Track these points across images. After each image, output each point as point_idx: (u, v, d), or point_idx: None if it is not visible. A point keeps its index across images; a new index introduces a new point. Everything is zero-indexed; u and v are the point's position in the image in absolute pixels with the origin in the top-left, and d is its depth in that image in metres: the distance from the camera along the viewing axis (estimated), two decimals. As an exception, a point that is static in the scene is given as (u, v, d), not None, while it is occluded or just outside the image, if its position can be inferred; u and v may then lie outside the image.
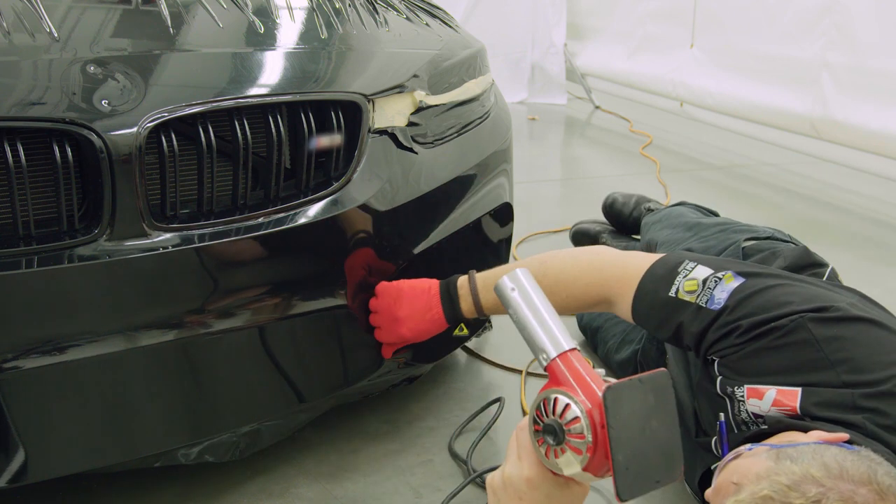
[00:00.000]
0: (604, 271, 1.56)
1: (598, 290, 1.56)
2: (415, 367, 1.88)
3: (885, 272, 2.89)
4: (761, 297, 1.36)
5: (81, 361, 1.37)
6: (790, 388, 1.29)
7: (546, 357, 1.12)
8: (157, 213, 1.43)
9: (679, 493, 1.70)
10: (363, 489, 1.68)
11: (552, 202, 3.78)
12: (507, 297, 1.17)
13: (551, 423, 1.07)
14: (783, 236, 1.88)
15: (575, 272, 1.59)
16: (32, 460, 1.36)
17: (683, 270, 1.44)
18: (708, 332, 1.38)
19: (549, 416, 1.09)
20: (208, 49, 1.59)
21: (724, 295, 1.37)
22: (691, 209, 2.34)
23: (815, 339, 1.29)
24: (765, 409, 1.31)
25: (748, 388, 1.33)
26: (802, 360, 1.30)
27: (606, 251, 1.64)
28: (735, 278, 1.39)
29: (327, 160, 1.62)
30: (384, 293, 1.70)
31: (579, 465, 1.05)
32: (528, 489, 1.12)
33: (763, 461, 1.12)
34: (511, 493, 1.14)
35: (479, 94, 2.04)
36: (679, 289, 1.43)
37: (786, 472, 1.05)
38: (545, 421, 1.09)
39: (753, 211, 3.54)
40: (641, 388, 1.07)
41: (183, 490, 1.66)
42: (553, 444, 1.07)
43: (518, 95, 5.79)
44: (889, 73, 3.76)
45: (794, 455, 1.09)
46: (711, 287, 1.40)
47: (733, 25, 4.72)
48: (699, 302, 1.40)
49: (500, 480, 1.15)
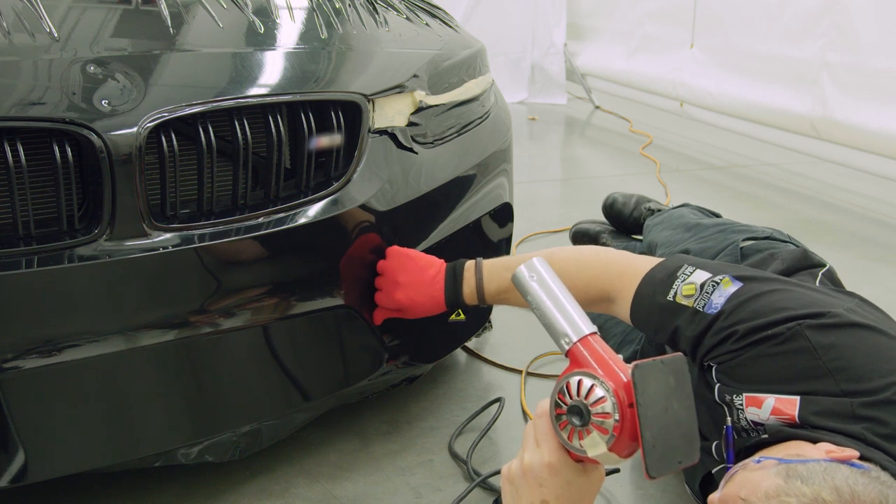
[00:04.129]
0: (608, 267, 1.56)
1: (601, 286, 1.55)
2: (415, 367, 1.88)
3: (885, 272, 2.89)
4: (758, 302, 1.35)
5: (82, 361, 1.37)
6: (789, 396, 1.29)
7: (568, 341, 1.13)
8: (158, 213, 1.43)
9: (680, 493, 1.70)
10: (363, 489, 1.68)
11: (552, 202, 3.77)
12: (526, 286, 1.19)
13: (576, 404, 1.08)
14: (782, 236, 1.88)
15: (579, 266, 1.59)
16: (32, 460, 1.36)
17: (682, 275, 1.44)
18: (705, 338, 1.37)
19: (573, 399, 1.09)
20: (208, 49, 1.59)
21: (722, 300, 1.37)
22: (693, 210, 2.35)
23: (812, 346, 1.28)
24: (764, 418, 1.31)
25: (747, 397, 1.33)
26: (800, 368, 1.29)
27: (611, 251, 1.64)
28: (733, 283, 1.39)
29: (327, 160, 1.62)
30: (393, 256, 1.70)
31: (605, 446, 1.06)
32: (549, 475, 1.12)
33: (772, 478, 1.10)
34: (531, 480, 1.13)
35: (479, 94, 2.04)
36: (677, 293, 1.43)
37: (796, 494, 1.05)
38: (569, 403, 1.09)
39: (753, 211, 3.54)
40: (664, 369, 1.09)
41: (183, 490, 1.66)
42: (578, 425, 1.08)
43: (518, 95, 5.79)
44: (889, 73, 3.75)
45: (804, 474, 1.08)
46: (709, 292, 1.39)
47: (733, 25, 4.72)
48: (696, 306, 1.39)
49: (519, 468, 1.15)
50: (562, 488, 1.12)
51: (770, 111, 4.41)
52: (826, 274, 1.65)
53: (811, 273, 1.62)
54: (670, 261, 1.51)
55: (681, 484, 1.72)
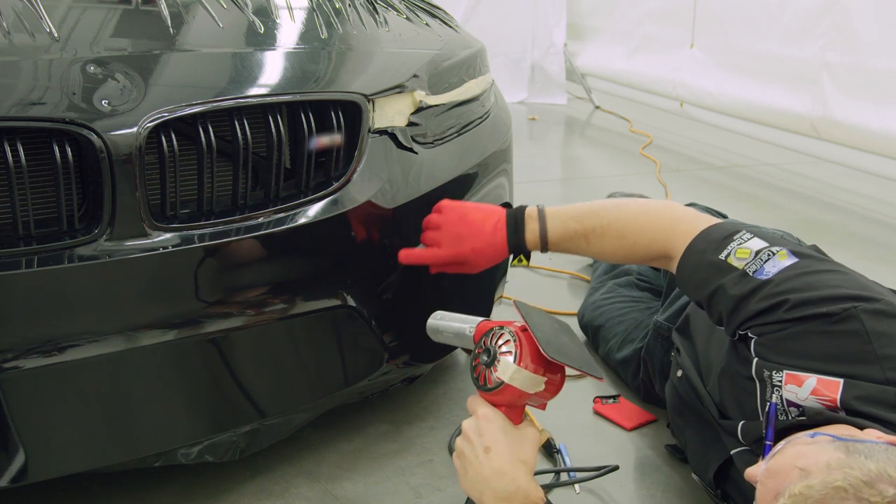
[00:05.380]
0: (675, 224, 1.52)
1: (664, 243, 1.53)
2: (415, 367, 1.88)
3: (886, 272, 2.90)
4: (812, 277, 1.33)
5: (81, 361, 1.37)
6: (831, 378, 1.26)
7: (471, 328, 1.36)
8: (158, 213, 1.43)
9: (680, 493, 1.70)
10: (363, 489, 1.68)
11: (552, 202, 3.74)
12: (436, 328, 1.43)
13: (485, 348, 1.29)
14: (791, 239, 1.88)
15: (648, 219, 1.56)
16: (33, 460, 1.36)
17: (739, 239, 1.41)
18: (750, 302, 1.34)
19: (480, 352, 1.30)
20: (208, 49, 1.59)
21: (774, 270, 1.34)
22: (700, 211, 2.34)
23: (865, 330, 1.26)
24: (802, 398, 1.27)
25: (787, 374, 1.29)
26: (849, 350, 1.26)
27: (680, 207, 1.59)
28: (789, 256, 1.36)
29: (327, 160, 1.62)
30: (450, 209, 1.68)
31: (513, 363, 1.24)
32: (485, 422, 1.27)
33: (832, 451, 1.08)
34: (472, 435, 1.28)
35: (479, 94, 2.04)
36: (731, 254, 1.40)
37: (860, 468, 1.03)
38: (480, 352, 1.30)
39: (753, 211, 3.54)
40: (546, 315, 1.34)
41: (183, 490, 1.66)
42: (488, 362, 1.27)
43: (518, 95, 5.79)
44: (889, 73, 3.76)
45: (865, 451, 1.07)
46: (763, 259, 1.36)
47: (733, 25, 4.72)
48: (747, 269, 1.36)
49: (461, 438, 1.30)
50: (498, 433, 1.25)
51: (770, 111, 4.41)
52: None
53: None
54: (729, 223, 1.48)
55: (682, 483, 1.72)
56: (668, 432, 1.86)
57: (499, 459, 1.24)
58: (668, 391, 1.80)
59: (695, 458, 1.65)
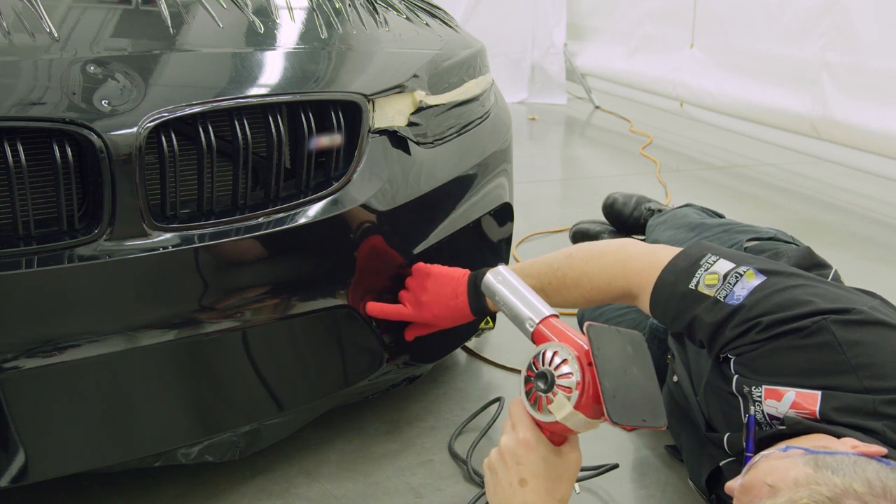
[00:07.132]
0: (627, 264, 1.54)
1: (622, 283, 1.54)
2: (415, 367, 1.88)
3: (885, 272, 2.89)
4: (782, 295, 1.34)
5: (81, 361, 1.37)
6: (810, 391, 1.27)
7: (531, 324, 1.25)
8: (158, 213, 1.43)
9: (680, 492, 1.70)
10: (363, 489, 1.68)
11: (552, 202, 3.78)
12: (493, 288, 1.33)
13: (541, 371, 1.16)
14: (786, 237, 1.88)
15: (599, 265, 1.57)
16: (33, 460, 1.36)
17: (706, 264, 1.42)
18: (725, 329, 1.35)
19: (538, 369, 1.17)
20: (208, 49, 1.59)
21: (744, 292, 1.35)
22: (696, 211, 2.34)
23: (837, 342, 1.26)
24: (782, 412, 1.29)
25: (766, 389, 1.30)
26: (823, 362, 1.27)
27: (632, 244, 1.61)
28: (756, 276, 1.37)
29: (327, 160, 1.62)
30: (417, 273, 1.72)
31: (570, 405, 1.13)
32: (525, 451, 1.18)
33: (801, 466, 1.09)
34: (509, 459, 1.19)
35: (479, 94, 2.04)
36: (699, 282, 1.40)
37: (826, 483, 1.03)
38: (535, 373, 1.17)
39: (753, 211, 3.54)
40: (620, 336, 1.19)
41: (183, 490, 1.66)
42: (544, 389, 1.16)
43: (518, 95, 5.80)
44: (889, 73, 3.75)
45: (833, 465, 1.07)
46: (732, 283, 1.37)
47: (733, 25, 4.72)
48: (717, 296, 1.37)
49: (497, 453, 1.21)
50: (538, 465, 1.18)
51: (770, 111, 4.41)
52: (833, 277, 1.64)
53: (821, 274, 1.62)
54: (693, 248, 1.48)
55: (682, 483, 1.72)
56: (667, 432, 1.86)
57: (533, 496, 1.19)
58: (665, 395, 1.80)
59: (689, 464, 1.66)
